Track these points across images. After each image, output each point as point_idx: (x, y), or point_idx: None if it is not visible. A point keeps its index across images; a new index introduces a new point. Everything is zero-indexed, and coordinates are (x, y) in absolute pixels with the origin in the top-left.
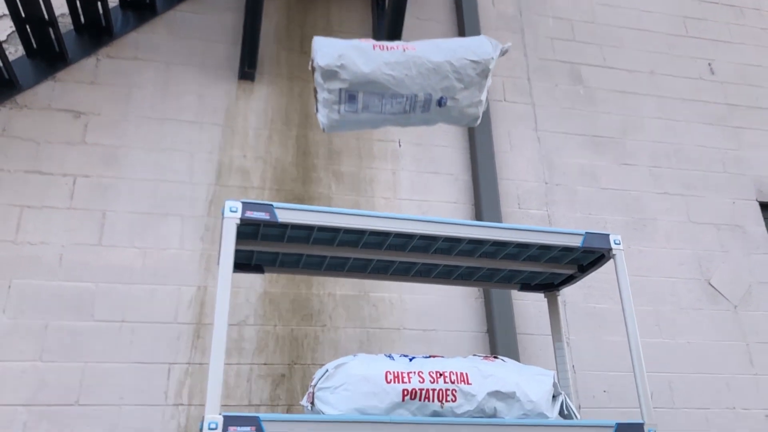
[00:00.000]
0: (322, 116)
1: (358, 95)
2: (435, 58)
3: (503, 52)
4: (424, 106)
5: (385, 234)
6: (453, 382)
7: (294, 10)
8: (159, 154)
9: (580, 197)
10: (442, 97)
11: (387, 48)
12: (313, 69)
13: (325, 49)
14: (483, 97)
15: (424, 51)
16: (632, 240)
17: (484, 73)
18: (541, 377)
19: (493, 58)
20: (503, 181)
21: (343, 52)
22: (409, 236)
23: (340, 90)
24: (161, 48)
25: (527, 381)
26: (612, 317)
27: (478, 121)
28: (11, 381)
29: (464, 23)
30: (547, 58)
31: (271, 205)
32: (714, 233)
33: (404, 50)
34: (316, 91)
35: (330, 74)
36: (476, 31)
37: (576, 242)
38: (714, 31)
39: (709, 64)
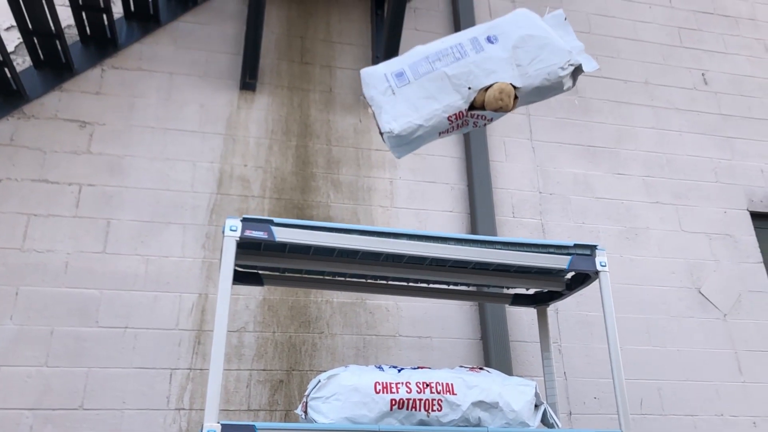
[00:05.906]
0: (387, 131)
1: (404, 69)
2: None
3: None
4: (474, 46)
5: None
6: (439, 392)
7: (294, 21)
8: (162, 163)
9: (573, 206)
10: (489, 36)
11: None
12: (366, 103)
13: (370, 78)
14: (566, 51)
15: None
16: (624, 249)
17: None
18: (523, 387)
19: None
20: (498, 190)
21: (385, 69)
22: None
23: (385, 75)
24: (165, 58)
25: (510, 391)
26: (603, 325)
27: (569, 82)
28: (18, 385)
29: None
30: None
31: (270, 221)
32: (705, 242)
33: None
34: (378, 125)
35: (377, 79)
36: None
37: (562, 264)
38: (708, 41)
39: (703, 75)
